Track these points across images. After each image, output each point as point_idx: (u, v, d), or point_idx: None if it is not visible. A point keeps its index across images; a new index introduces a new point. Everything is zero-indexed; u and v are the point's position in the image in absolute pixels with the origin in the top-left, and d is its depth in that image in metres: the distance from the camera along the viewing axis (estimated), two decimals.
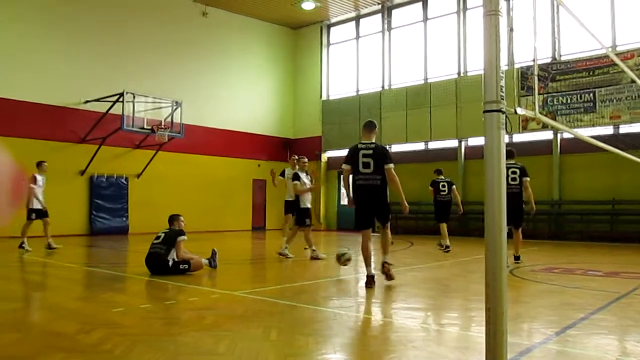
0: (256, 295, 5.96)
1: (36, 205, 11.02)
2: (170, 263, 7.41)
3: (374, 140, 6.75)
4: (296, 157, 10.56)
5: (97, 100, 16.13)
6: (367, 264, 6.65)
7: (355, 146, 6.73)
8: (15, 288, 6.56)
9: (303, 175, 9.84)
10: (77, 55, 16.45)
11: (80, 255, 11.44)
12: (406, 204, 7.00)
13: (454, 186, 12.06)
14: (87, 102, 16.41)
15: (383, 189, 6.66)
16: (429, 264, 9.45)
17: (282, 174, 10.48)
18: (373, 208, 6.73)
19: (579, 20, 5.12)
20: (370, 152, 6.55)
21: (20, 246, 10.93)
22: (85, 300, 6.06)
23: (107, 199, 16.85)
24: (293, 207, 10.03)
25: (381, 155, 6.56)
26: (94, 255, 11.61)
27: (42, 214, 11.18)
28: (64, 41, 16.25)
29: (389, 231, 6.98)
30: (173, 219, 7.90)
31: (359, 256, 8.22)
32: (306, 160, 10.32)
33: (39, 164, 11.27)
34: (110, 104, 15.67)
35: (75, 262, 9.82)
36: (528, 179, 8.99)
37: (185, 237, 7.62)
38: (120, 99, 15.23)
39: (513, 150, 8.83)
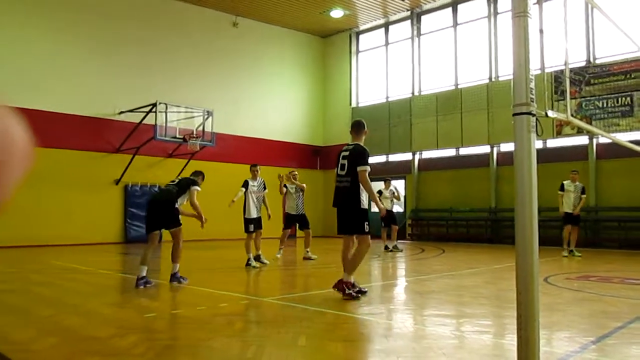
0: (285, 302, 5.98)
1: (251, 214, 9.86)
2: (177, 205, 7.32)
3: (360, 142, 6.35)
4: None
5: (131, 110, 16.52)
6: (345, 269, 6.18)
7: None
8: (53, 294, 6.74)
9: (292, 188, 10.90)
10: (111, 67, 16.90)
11: (115, 263, 11.69)
12: (382, 206, 6.43)
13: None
14: (121, 112, 16.83)
15: (353, 193, 6.06)
16: (460, 271, 9.31)
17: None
18: (340, 212, 6.25)
19: (614, 22, 5.00)
20: (347, 153, 6.21)
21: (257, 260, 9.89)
22: (119, 306, 6.18)
23: (141, 207, 17.12)
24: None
25: (356, 157, 6.11)
26: (127, 263, 11.84)
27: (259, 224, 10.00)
28: (98, 54, 16.71)
29: (364, 245, 6.14)
30: (195, 174, 7.85)
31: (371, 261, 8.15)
32: (296, 173, 11.30)
33: (251, 168, 10.12)
34: (144, 114, 16.00)
35: (110, 269, 10.03)
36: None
37: (199, 189, 7.52)
38: (153, 109, 15.54)
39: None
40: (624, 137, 13.08)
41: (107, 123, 16.71)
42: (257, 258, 9.82)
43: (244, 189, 9.82)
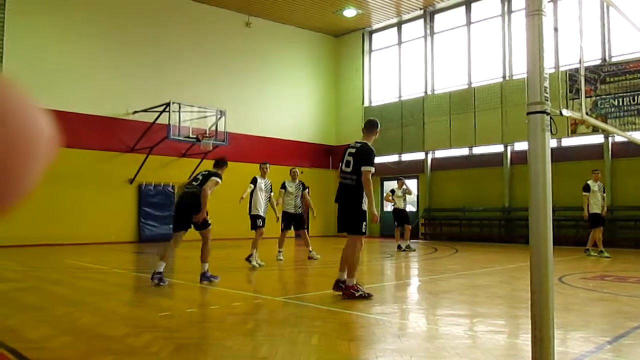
0: (298, 301, 5.99)
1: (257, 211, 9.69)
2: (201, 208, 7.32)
3: (369, 142, 6.30)
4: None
5: (145, 110, 16.65)
6: (341, 267, 6.16)
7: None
8: (67, 293, 6.81)
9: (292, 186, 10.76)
10: (124, 68, 17.06)
11: (129, 262, 11.80)
12: (375, 213, 6.09)
13: None
14: (135, 112, 16.97)
15: (356, 192, 6.04)
16: (474, 271, 9.26)
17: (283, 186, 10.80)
18: (340, 209, 6.24)
19: (630, 19, 4.94)
20: (354, 150, 6.16)
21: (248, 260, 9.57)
22: (133, 304, 6.24)
23: (155, 206, 17.31)
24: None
25: (362, 155, 6.05)
26: (142, 262, 11.94)
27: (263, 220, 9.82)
28: (112, 54, 16.87)
29: (357, 244, 6.07)
30: (218, 164, 7.89)
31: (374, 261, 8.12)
32: (297, 170, 11.09)
33: (260, 166, 10.03)
34: (157, 114, 16.13)
35: (125, 268, 10.12)
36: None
37: (218, 180, 7.50)
38: (167, 109, 15.65)
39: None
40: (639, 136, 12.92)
41: (121, 123, 16.86)
42: (248, 259, 9.47)
43: (252, 186, 9.74)
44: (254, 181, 9.78)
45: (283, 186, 10.80)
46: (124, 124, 16.88)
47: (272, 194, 10.00)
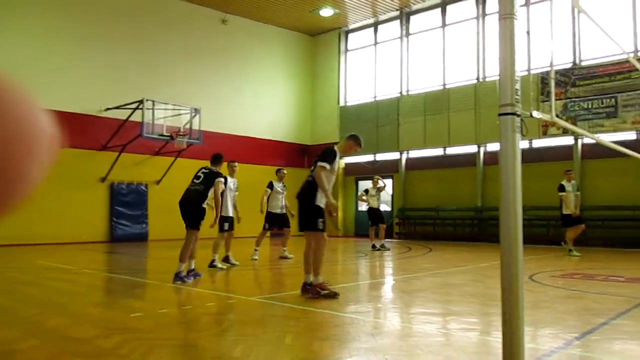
0: (272, 301, 5.98)
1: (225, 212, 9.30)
2: (204, 204, 7.55)
3: (338, 147, 6.28)
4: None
5: (118, 107, 16.38)
6: (305, 269, 6.10)
7: None
8: (36, 294, 6.67)
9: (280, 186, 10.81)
10: (97, 63, 16.74)
11: (101, 262, 11.60)
12: (332, 202, 5.89)
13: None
14: (107, 109, 16.68)
15: (312, 188, 6.02)
16: (447, 270, 9.37)
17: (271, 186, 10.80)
18: (298, 207, 6.27)
19: (599, 25, 5.06)
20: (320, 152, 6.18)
21: (228, 262, 9.38)
22: (104, 306, 6.14)
23: (127, 205, 17.05)
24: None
25: (320, 153, 6.10)
26: (114, 262, 11.76)
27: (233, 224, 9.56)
28: (84, 49, 16.55)
29: (315, 242, 6.01)
30: (216, 160, 8.12)
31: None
32: (284, 171, 11.14)
33: (229, 164, 9.78)
34: (131, 111, 15.90)
35: (96, 269, 9.95)
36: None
37: (222, 179, 7.77)
38: (140, 106, 15.44)
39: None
40: (608, 138, 13.25)
41: (93, 120, 16.55)
42: (227, 259, 9.39)
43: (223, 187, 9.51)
44: (225, 181, 9.56)
45: (271, 186, 10.70)
46: (96, 121, 16.58)
47: (236, 193, 9.83)
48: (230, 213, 9.49)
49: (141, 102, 15.40)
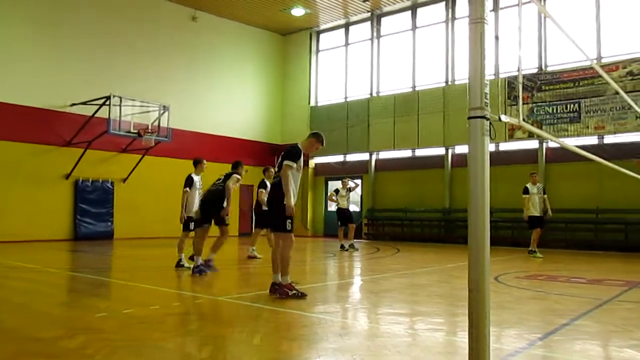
0: (241, 301, 5.93)
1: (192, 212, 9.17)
2: (224, 204, 8.25)
3: (302, 144, 6.29)
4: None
5: (84, 103, 16.01)
6: (274, 269, 6.11)
7: None
8: None
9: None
10: (63, 58, 16.33)
11: (64, 260, 11.31)
12: (289, 204, 5.90)
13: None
14: (73, 105, 16.27)
15: (278, 189, 6.01)
16: (414, 270, 9.47)
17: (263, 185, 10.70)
18: (268, 207, 6.30)
19: (564, 32, 5.18)
20: (284, 152, 6.21)
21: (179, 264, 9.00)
22: (67, 305, 5.98)
23: (92, 203, 16.68)
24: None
25: (286, 153, 6.10)
26: (77, 260, 11.48)
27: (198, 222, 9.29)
28: (50, 43, 16.12)
29: (284, 242, 6.02)
30: (237, 165, 8.66)
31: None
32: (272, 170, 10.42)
33: (197, 162, 9.44)
34: (97, 107, 15.56)
35: (59, 267, 9.70)
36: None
37: (239, 176, 8.40)
38: (107, 102, 15.13)
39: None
40: (571, 142, 13.63)
41: (58, 115, 16.13)
42: (192, 258, 8.93)
43: (187, 189, 9.12)
44: (190, 181, 9.30)
45: (264, 185, 10.56)
46: (61, 117, 16.15)
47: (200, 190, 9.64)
48: (196, 213, 9.31)
49: (108, 98, 15.09)
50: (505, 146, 16.84)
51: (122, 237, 16.69)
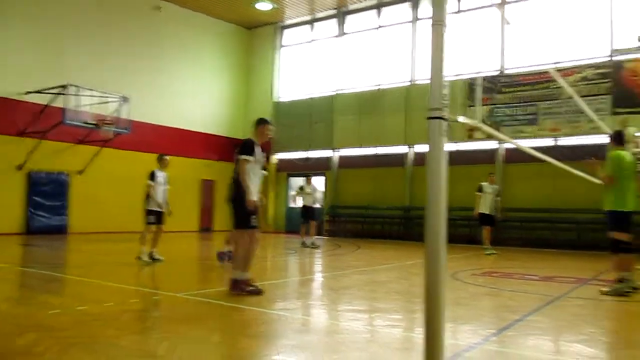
0: (199, 297, 5.86)
1: (154, 206, 9.19)
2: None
3: (252, 137, 6.23)
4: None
5: (39, 91, 15.45)
6: (233, 266, 6.13)
7: None
8: None
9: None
10: (18, 44, 15.70)
11: (16, 255, 10.92)
12: (250, 199, 5.84)
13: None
14: (27, 93, 15.69)
15: (236, 185, 5.96)
16: (374, 267, 9.57)
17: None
18: (231, 205, 6.16)
19: (523, 36, 5.32)
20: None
21: (152, 258, 9.03)
22: (17, 301, 5.79)
23: (47, 196, 16.15)
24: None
25: (239, 149, 6.03)
26: (30, 255, 11.11)
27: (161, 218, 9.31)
28: (4, 28, 15.50)
29: (242, 238, 5.98)
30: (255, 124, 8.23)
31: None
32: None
33: (160, 159, 9.40)
34: (53, 96, 15.06)
35: (9, 262, 9.36)
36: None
37: (245, 157, 7.30)
38: (64, 92, 14.66)
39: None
40: (528, 144, 14.01)
41: (11, 103, 15.52)
42: (151, 255, 9.05)
43: (152, 183, 9.17)
44: (152, 176, 9.23)
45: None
46: (15, 105, 15.55)
47: (167, 187, 9.51)
48: (158, 207, 9.23)
49: (64, 87, 14.63)
50: (464, 146, 17.17)
51: (78, 231, 16.23)
